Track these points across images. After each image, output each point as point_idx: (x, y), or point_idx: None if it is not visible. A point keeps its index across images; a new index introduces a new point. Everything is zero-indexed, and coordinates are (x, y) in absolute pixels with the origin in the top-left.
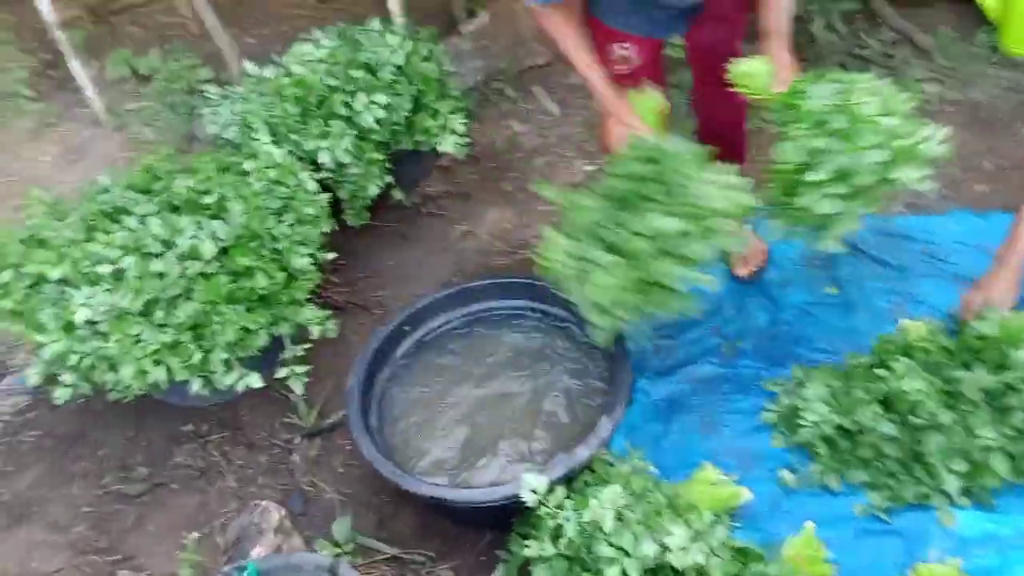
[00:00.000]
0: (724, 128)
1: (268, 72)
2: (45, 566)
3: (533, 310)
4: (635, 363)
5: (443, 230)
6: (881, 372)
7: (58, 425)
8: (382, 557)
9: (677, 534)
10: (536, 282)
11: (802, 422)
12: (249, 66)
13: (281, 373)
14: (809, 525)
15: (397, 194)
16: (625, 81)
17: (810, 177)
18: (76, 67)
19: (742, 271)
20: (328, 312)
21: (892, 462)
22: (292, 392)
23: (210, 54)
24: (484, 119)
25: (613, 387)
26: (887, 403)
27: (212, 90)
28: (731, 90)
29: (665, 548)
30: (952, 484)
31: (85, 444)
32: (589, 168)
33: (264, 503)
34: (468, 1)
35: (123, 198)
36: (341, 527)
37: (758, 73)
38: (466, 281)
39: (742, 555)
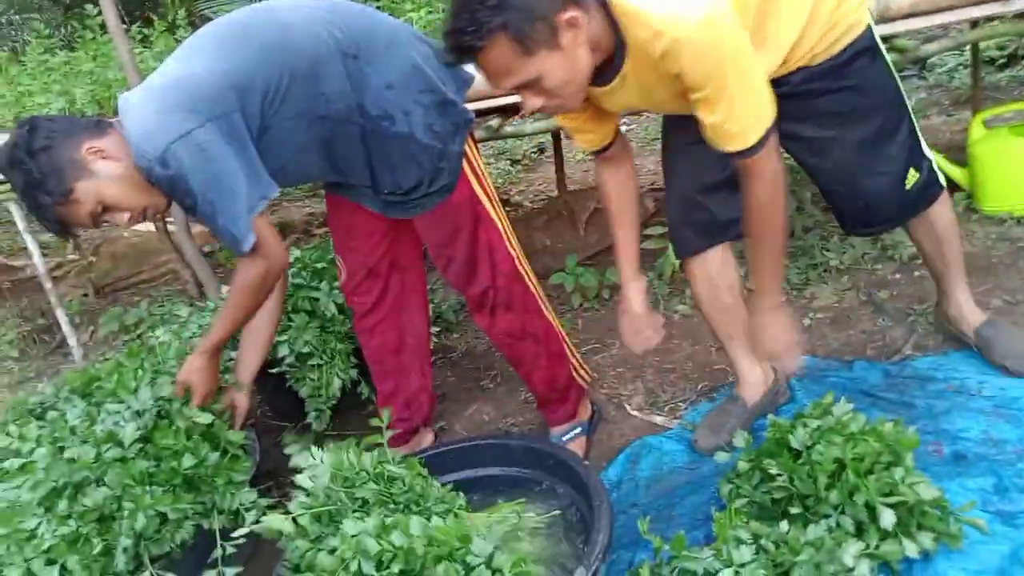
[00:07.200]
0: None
1: None
2: None
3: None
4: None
5: None
6: None
7: None
8: None
9: None
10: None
11: None
12: (225, 288)
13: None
14: None
15: (365, 391)
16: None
17: None
18: (68, 332)
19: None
20: (272, 500)
21: None
22: None
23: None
24: (466, 329)
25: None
26: None
27: (182, 310)
28: None
29: None
30: None
31: None
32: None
33: None
34: None
35: (54, 398)
36: None
37: None
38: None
39: None
